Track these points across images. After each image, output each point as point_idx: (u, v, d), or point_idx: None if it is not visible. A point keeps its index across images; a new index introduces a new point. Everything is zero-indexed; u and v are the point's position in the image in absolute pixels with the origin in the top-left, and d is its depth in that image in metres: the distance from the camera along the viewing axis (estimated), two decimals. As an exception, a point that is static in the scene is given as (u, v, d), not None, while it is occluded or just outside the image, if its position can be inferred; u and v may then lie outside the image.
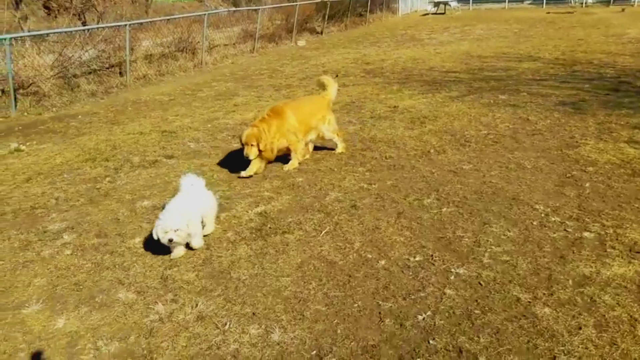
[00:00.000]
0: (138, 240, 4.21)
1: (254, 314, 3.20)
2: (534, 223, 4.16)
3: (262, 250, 3.98)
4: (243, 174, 5.46)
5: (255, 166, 5.50)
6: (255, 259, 3.85)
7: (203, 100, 9.72)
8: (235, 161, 5.87)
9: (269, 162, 5.68)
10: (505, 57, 12.71)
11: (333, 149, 6.18)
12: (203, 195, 4.22)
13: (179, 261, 3.85)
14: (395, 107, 8.19)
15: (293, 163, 5.71)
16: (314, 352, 2.85)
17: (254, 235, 4.22)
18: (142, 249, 4.07)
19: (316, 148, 6.24)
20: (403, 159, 5.81)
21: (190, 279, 3.62)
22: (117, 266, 3.83)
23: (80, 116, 8.94)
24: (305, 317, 3.15)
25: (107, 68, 11.59)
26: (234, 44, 16.35)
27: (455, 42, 16.12)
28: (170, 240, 3.68)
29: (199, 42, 14.05)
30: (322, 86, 6.18)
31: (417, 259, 3.73)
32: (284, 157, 5.78)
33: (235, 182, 5.42)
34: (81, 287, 3.58)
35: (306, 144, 5.95)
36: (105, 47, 11.59)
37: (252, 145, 5.30)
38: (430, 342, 2.87)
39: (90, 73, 11.18)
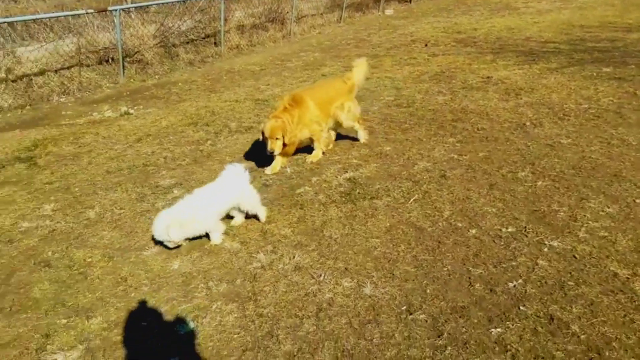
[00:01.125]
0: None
1: (346, 269, 3.43)
2: (637, 201, 4.02)
3: (352, 213, 4.18)
4: (268, 170, 5.12)
5: (280, 161, 5.17)
6: (346, 220, 4.06)
7: (292, 70, 10.00)
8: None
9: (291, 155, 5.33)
10: (611, 26, 11.82)
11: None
12: (234, 187, 4.00)
13: (276, 217, 4.16)
14: (488, 77, 7.99)
15: (317, 154, 5.37)
16: (404, 307, 3.03)
17: (343, 199, 4.44)
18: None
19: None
20: (496, 130, 5.73)
21: (287, 234, 3.92)
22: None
23: (180, 84, 9.55)
24: (395, 275, 3.33)
25: (203, 38, 12.18)
26: (321, 14, 16.46)
27: (555, 11, 15.16)
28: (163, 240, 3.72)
29: (287, 12, 14.32)
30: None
31: (509, 230, 3.76)
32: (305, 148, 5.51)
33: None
34: (188, 238, 3.98)
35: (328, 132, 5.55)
36: (201, 17, 12.17)
37: (276, 138, 4.88)
38: (521, 307, 2.95)
39: (187, 43, 11.82)
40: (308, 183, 4.78)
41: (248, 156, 5.58)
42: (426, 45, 10.99)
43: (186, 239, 3.79)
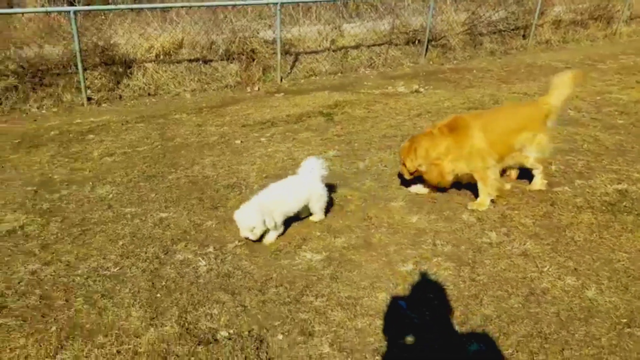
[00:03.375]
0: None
1: (575, 269, 3.46)
2: None
3: (607, 223, 4.04)
4: (412, 189, 4.70)
5: (423, 188, 4.64)
6: (596, 228, 3.97)
7: (602, 72, 9.34)
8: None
9: (442, 188, 4.57)
10: None
11: None
12: (305, 184, 4.05)
13: (521, 206, 4.34)
14: None
15: (481, 201, 4.35)
16: (624, 320, 2.96)
17: (603, 208, 4.28)
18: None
19: None
20: None
21: (526, 223, 4.08)
22: (468, 196, 4.58)
23: (475, 71, 10.00)
24: (628, 290, 3.23)
25: (512, 30, 12.24)
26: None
27: None
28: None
29: (618, 10, 13.08)
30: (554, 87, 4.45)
31: None
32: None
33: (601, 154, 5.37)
34: (436, 201, 4.51)
35: (507, 172, 4.77)
36: (515, 9, 12.22)
37: (403, 164, 4.41)
38: None
39: (494, 33, 12.09)
40: (570, 184, 4.73)
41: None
42: None
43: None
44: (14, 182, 5.09)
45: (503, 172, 4.59)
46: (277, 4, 9.28)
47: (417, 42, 11.41)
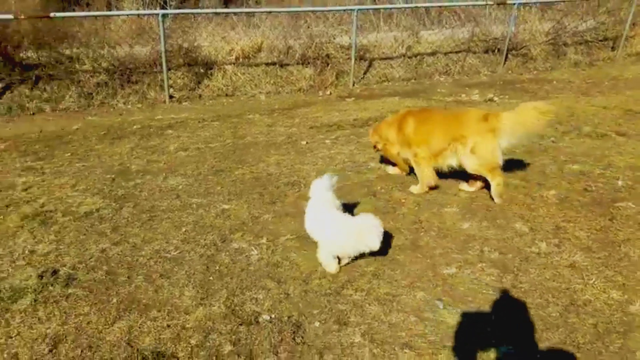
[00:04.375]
0: (553, 193, 4.80)
1: (623, 284, 3.41)
2: None
3: (675, 243, 3.92)
4: (389, 170, 5.51)
5: (395, 169, 5.45)
6: (659, 249, 3.87)
7: (699, 87, 8.78)
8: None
9: (411, 170, 5.18)
10: None
11: None
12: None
13: (577, 218, 4.29)
14: None
15: (418, 187, 4.93)
16: (668, 338, 2.91)
17: (675, 228, 4.15)
18: (554, 200, 4.66)
19: None
20: None
21: (580, 236, 4.04)
22: (525, 205, 4.58)
23: (555, 82, 9.73)
24: (681, 312, 3.14)
25: (600, 41, 11.75)
26: None
27: None
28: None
29: None
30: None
31: None
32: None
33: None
34: (490, 209, 4.55)
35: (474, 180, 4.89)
36: (606, 19, 11.72)
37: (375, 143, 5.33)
38: None
39: (580, 44, 11.66)
40: (635, 200, 4.59)
41: (594, 159, 5.61)
42: None
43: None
44: (95, 170, 5.69)
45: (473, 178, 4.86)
46: (354, 10, 9.57)
47: (496, 50, 11.27)
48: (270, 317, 3.19)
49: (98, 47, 9.07)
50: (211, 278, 3.62)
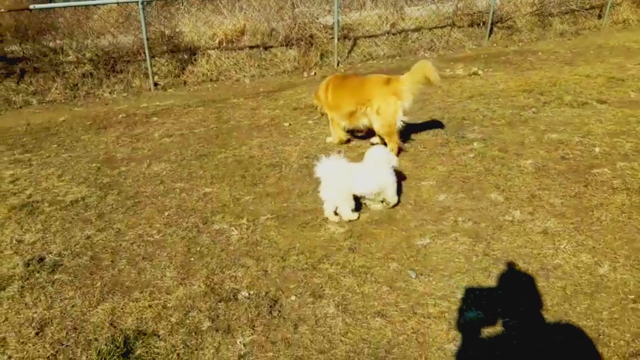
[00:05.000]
0: (530, 162, 4.88)
1: (593, 247, 3.51)
2: None
3: (647, 209, 4.01)
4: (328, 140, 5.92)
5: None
6: (627, 210, 3.97)
7: (683, 52, 8.82)
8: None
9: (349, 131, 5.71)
10: None
11: None
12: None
13: (553, 185, 4.39)
14: None
15: (332, 139, 5.78)
16: (632, 296, 3.02)
17: (642, 190, 4.24)
18: (530, 169, 4.75)
19: None
20: None
21: (554, 203, 4.13)
22: (501, 175, 4.67)
23: (539, 53, 9.74)
24: (646, 269, 3.25)
25: (586, 9, 11.73)
26: None
27: None
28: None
29: None
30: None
31: None
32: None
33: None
34: (467, 181, 4.63)
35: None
36: (592, -15, 11.70)
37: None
38: None
39: (566, 13, 11.64)
40: (611, 166, 4.68)
41: (573, 128, 5.68)
42: None
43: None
44: (81, 160, 5.76)
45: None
46: (335, -12, 9.54)
47: (481, 24, 11.25)
48: (249, 294, 3.29)
49: (82, 38, 9.07)
50: (192, 259, 3.72)
